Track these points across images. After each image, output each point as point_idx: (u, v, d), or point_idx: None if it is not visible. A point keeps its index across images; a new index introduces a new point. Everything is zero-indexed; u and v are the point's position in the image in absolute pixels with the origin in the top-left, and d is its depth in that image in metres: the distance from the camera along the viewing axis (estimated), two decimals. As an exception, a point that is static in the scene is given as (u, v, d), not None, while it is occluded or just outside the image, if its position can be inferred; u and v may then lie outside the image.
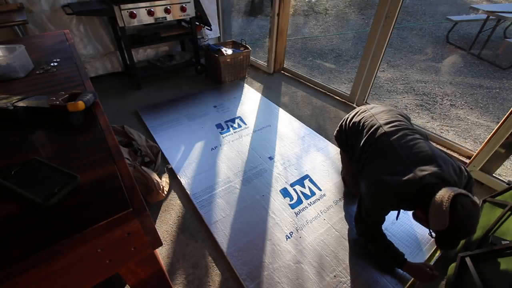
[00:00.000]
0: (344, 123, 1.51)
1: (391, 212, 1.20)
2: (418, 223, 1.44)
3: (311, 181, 1.74)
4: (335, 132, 1.59)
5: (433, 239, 1.40)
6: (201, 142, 2.03)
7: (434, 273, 1.17)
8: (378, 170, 1.15)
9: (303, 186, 1.70)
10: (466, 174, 1.17)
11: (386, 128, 1.23)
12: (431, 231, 1.01)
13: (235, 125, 2.23)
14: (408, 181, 1.03)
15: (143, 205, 0.50)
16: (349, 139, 1.43)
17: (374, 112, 1.35)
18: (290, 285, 1.22)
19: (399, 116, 1.32)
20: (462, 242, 1.31)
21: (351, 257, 1.33)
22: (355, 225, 1.34)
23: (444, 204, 0.90)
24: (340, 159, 1.89)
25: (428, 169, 1.04)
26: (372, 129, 1.27)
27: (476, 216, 0.93)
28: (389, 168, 1.11)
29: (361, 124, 1.35)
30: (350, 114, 1.50)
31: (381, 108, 1.38)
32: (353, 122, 1.41)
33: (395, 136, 1.18)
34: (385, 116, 1.30)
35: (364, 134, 1.29)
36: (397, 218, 1.24)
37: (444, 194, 0.93)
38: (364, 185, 1.19)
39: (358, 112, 1.45)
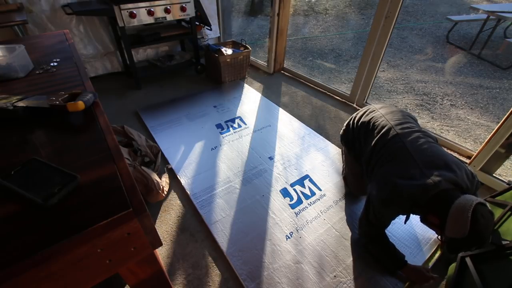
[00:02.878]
0: (351, 122, 1.50)
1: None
2: (418, 223, 1.44)
3: (311, 181, 1.74)
4: (341, 131, 1.58)
5: (435, 238, 1.40)
6: (201, 142, 2.03)
7: (432, 276, 1.18)
8: (391, 173, 1.13)
9: (303, 186, 1.70)
10: (477, 179, 1.16)
11: (398, 129, 1.22)
12: (440, 236, 1.01)
13: (235, 125, 2.23)
14: (423, 186, 1.01)
15: (143, 205, 0.50)
16: (357, 139, 1.42)
17: (384, 113, 1.34)
18: (290, 285, 1.22)
19: (408, 117, 1.32)
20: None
21: (351, 257, 1.33)
22: (359, 225, 1.33)
23: (466, 213, 0.90)
24: (340, 159, 1.90)
25: (443, 175, 1.02)
26: (384, 130, 1.25)
27: (492, 225, 0.94)
28: (403, 172, 1.09)
29: (371, 124, 1.33)
30: (357, 114, 1.48)
31: (390, 109, 1.37)
32: (362, 122, 1.40)
33: (408, 138, 1.17)
34: (396, 117, 1.29)
35: (375, 135, 1.28)
36: (405, 222, 1.22)
37: (464, 203, 0.92)
38: (375, 187, 1.17)
39: (366, 111, 1.44)
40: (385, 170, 1.17)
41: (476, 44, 4.02)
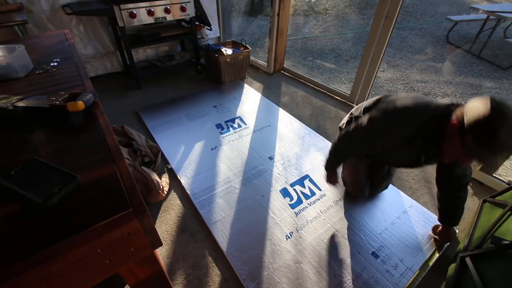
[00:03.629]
0: (341, 125, 1.54)
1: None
2: (417, 223, 1.44)
3: (311, 181, 1.74)
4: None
5: (435, 238, 1.40)
6: (201, 142, 2.03)
7: (336, 180, 1.46)
8: (389, 101, 1.10)
9: (303, 186, 1.70)
10: None
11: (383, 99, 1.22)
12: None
13: (235, 125, 2.23)
14: (432, 105, 1.02)
15: (143, 205, 0.50)
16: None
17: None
18: (290, 285, 1.22)
19: None
20: (466, 241, 1.31)
21: (351, 257, 1.33)
22: (339, 138, 1.31)
23: (483, 98, 0.86)
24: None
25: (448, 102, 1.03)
26: (370, 104, 1.28)
27: None
28: (403, 100, 1.07)
29: (355, 114, 1.39)
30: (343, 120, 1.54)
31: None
32: (348, 117, 1.47)
33: (398, 95, 1.16)
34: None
35: (361, 114, 1.31)
36: (422, 165, 1.17)
37: (478, 98, 0.89)
38: (375, 111, 1.13)
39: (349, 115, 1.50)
40: (381, 105, 1.14)
41: (476, 44, 4.01)
